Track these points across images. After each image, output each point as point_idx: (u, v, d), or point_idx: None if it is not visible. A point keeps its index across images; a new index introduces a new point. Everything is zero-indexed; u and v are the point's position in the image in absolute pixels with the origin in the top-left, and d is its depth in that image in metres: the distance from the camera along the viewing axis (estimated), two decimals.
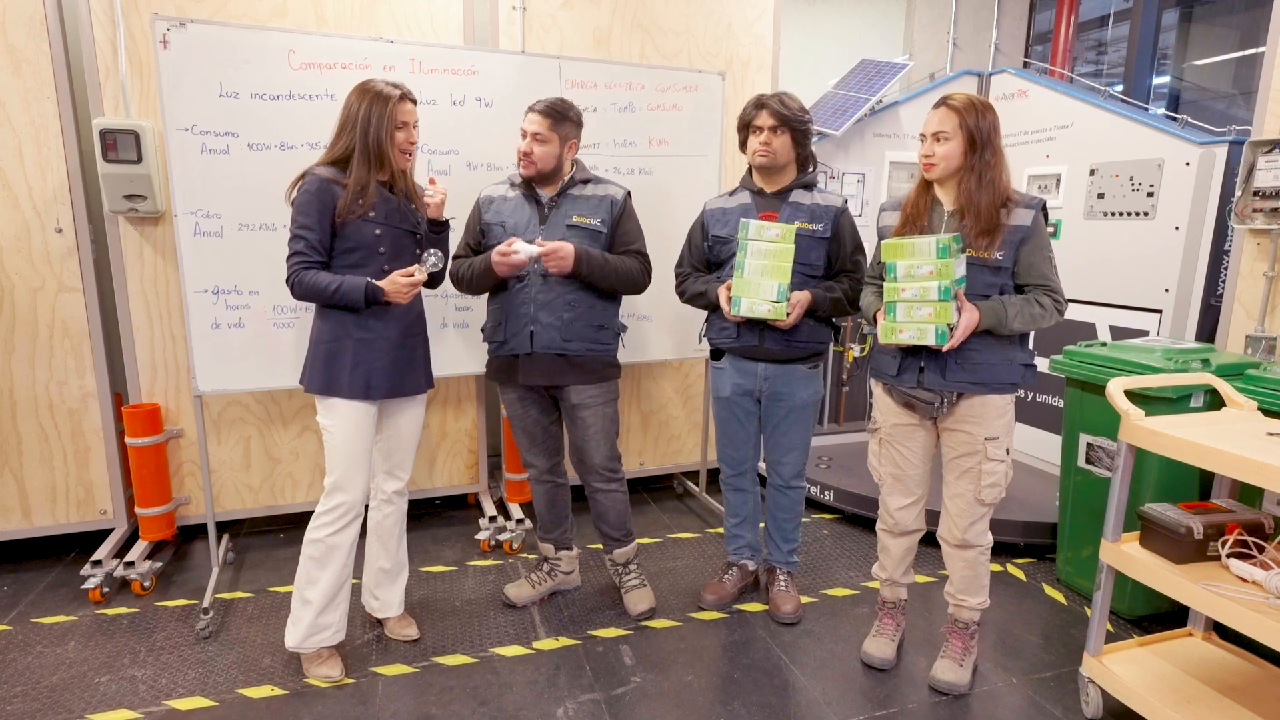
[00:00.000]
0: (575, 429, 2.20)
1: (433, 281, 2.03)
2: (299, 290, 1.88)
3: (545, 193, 2.16)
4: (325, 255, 1.90)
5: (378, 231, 1.91)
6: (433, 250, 1.95)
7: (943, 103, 1.80)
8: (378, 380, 1.93)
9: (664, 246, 2.70)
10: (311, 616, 1.97)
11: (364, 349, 1.92)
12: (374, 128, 1.87)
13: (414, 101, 1.94)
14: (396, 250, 1.95)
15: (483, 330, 2.26)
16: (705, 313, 2.35)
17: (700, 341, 2.39)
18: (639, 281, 2.20)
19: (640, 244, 2.21)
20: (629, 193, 2.22)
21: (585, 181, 2.18)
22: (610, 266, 2.12)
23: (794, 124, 2.10)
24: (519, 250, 2.00)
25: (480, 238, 2.21)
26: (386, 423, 2.06)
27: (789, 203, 2.17)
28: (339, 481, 1.93)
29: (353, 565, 2.01)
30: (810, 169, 2.22)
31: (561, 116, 2.09)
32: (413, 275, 1.89)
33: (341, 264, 1.92)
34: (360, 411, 1.93)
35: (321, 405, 1.93)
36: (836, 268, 2.20)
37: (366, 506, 2.14)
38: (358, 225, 1.89)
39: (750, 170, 2.24)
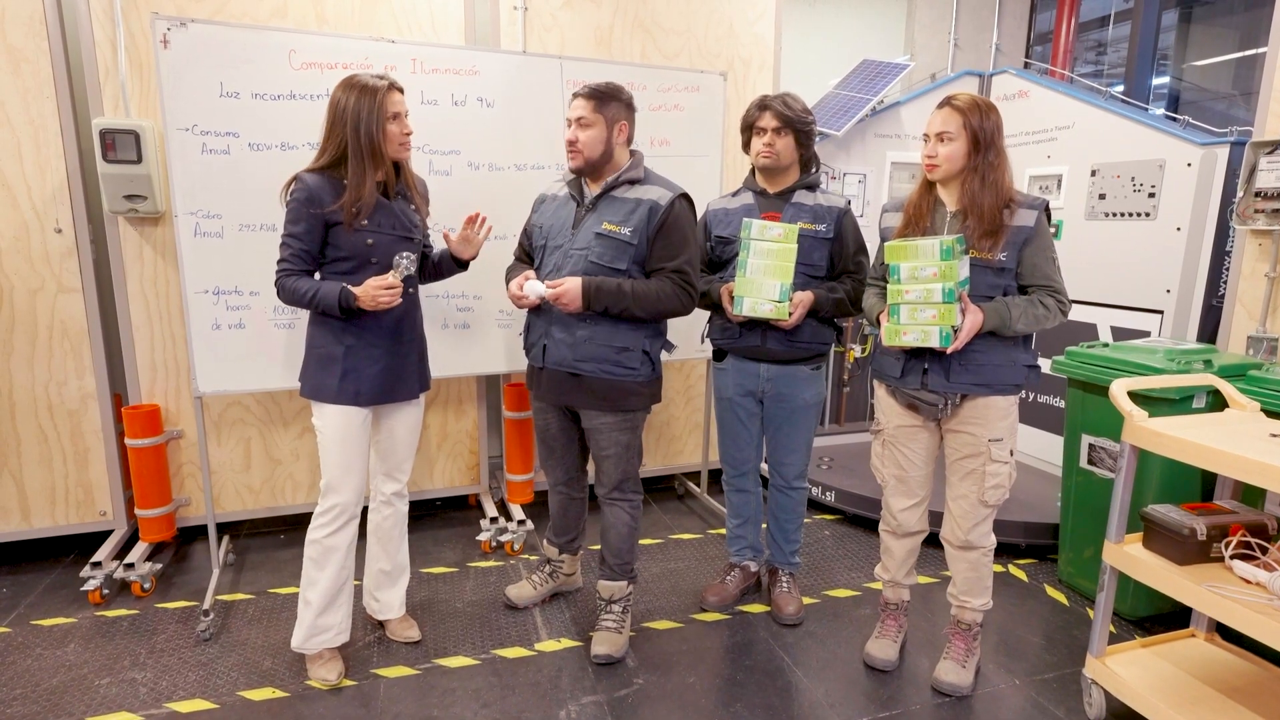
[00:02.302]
0: (592, 446, 2.10)
1: (410, 282, 1.93)
2: (281, 295, 1.86)
3: (591, 190, 2.00)
4: (313, 264, 1.87)
5: (370, 241, 1.86)
6: (404, 254, 1.85)
7: (947, 103, 1.80)
8: (368, 386, 1.90)
9: None
10: (311, 617, 1.96)
11: (355, 355, 1.89)
12: (365, 123, 1.80)
13: (401, 91, 1.87)
14: (389, 255, 1.88)
15: None
16: (707, 313, 2.34)
17: (702, 342, 2.39)
18: (672, 308, 1.95)
19: (680, 261, 1.94)
20: (680, 197, 1.97)
21: (633, 182, 1.97)
22: (630, 298, 1.90)
23: (797, 125, 2.10)
24: (528, 293, 1.93)
25: (529, 239, 2.12)
26: (381, 425, 2.04)
27: (792, 203, 2.16)
28: (330, 483, 1.92)
29: (353, 567, 2.00)
30: (813, 170, 2.22)
31: (607, 97, 1.93)
32: (387, 280, 1.81)
33: (332, 272, 1.88)
34: (350, 415, 1.90)
35: (314, 408, 1.92)
36: (839, 268, 2.19)
37: (367, 509, 2.14)
38: (349, 234, 1.84)
39: (753, 171, 2.23)
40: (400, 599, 2.20)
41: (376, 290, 1.80)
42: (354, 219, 1.83)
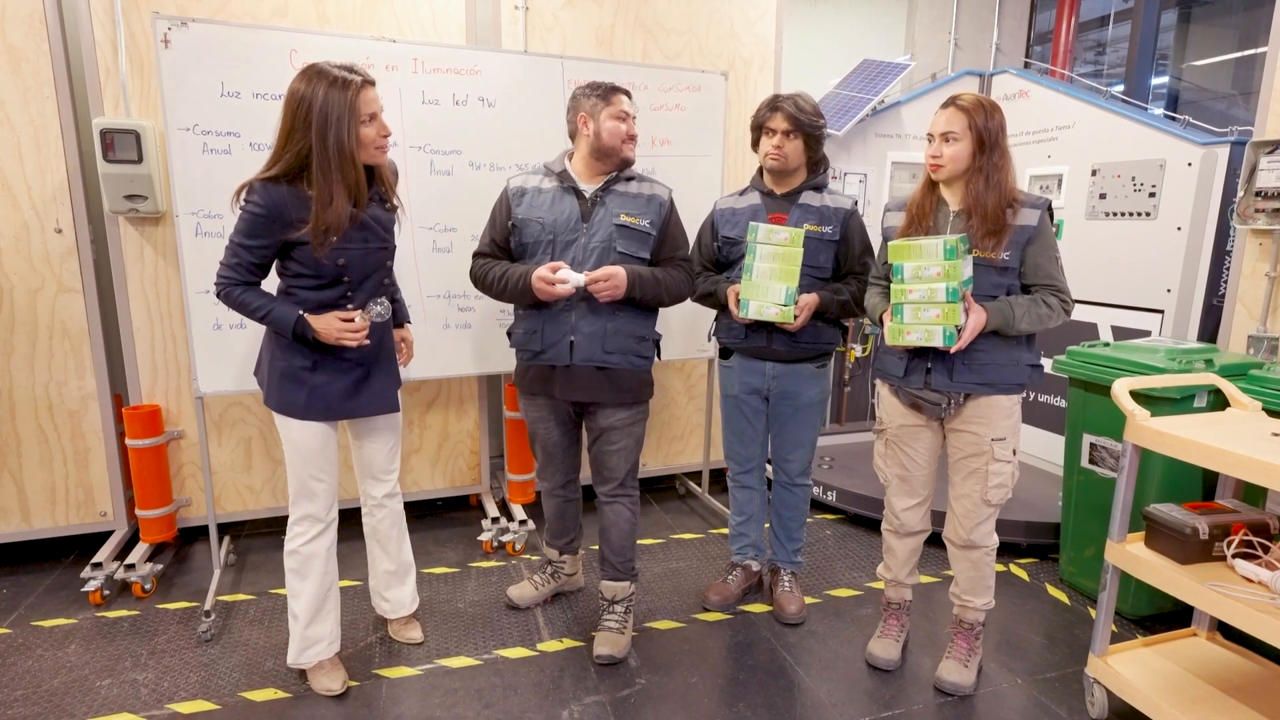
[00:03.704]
0: (599, 445, 2.09)
1: (386, 290, 1.87)
2: (227, 303, 1.72)
3: (587, 184, 2.00)
4: (261, 274, 1.74)
5: (341, 261, 1.72)
6: (379, 299, 1.77)
7: (951, 103, 1.80)
8: (337, 402, 1.81)
9: None
10: (300, 630, 1.91)
11: (323, 370, 1.78)
12: (335, 127, 1.58)
13: (374, 84, 1.65)
14: (363, 271, 1.77)
15: (509, 335, 2.12)
16: (711, 312, 2.35)
17: (709, 340, 2.39)
18: (685, 293, 2.08)
19: (686, 249, 2.10)
20: (671, 191, 2.10)
21: (630, 178, 2.03)
22: (662, 285, 1.98)
23: (808, 129, 2.09)
24: (567, 279, 1.86)
25: (509, 234, 2.03)
26: (359, 434, 1.98)
27: (799, 204, 2.16)
28: (299, 492, 1.85)
29: (336, 572, 1.95)
30: (821, 171, 2.21)
31: None
32: (353, 321, 1.73)
33: (298, 286, 1.74)
34: (316, 429, 1.82)
35: (279, 417, 1.83)
36: (845, 269, 2.19)
37: (358, 511, 2.12)
38: (319, 252, 1.68)
39: (761, 170, 2.23)
40: (410, 594, 2.18)
41: (341, 332, 1.70)
42: (324, 241, 1.65)
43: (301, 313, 1.71)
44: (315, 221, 1.63)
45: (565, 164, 2.03)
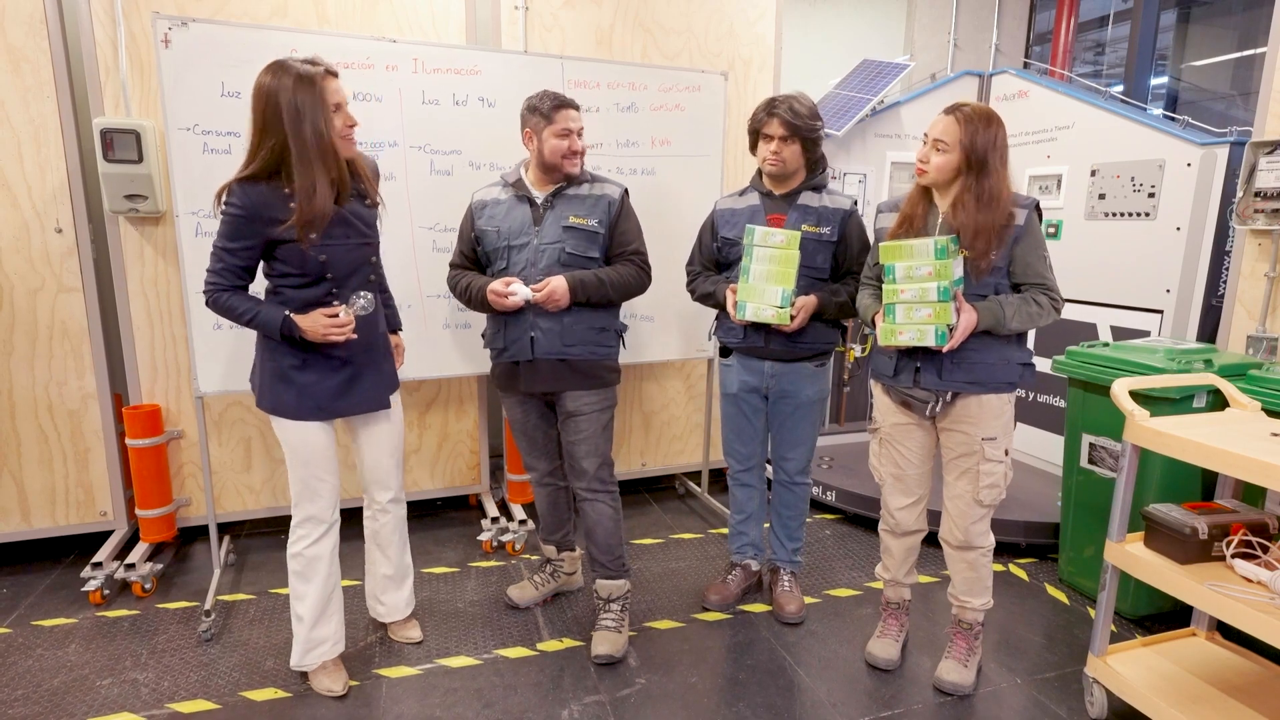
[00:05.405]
0: (568, 435, 2.13)
1: (372, 288, 1.87)
2: (215, 309, 1.72)
3: (539, 192, 2.07)
4: (248, 279, 1.74)
5: (323, 258, 1.72)
6: (361, 293, 1.77)
7: (954, 111, 1.77)
8: (329, 400, 1.81)
9: (667, 246, 2.70)
10: (305, 632, 1.91)
11: (312, 369, 1.78)
12: (310, 118, 1.58)
13: (337, 75, 1.67)
14: (346, 269, 1.77)
15: (483, 335, 2.20)
16: (709, 312, 2.35)
17: (709, 339, 2.39)
18: (639, 287, 2.13)
19: (638, 243, 2.13)
20: (626, 190, 2.14)
21: (581, 181, 2.10)
22: (608, 286, 2.05)
23: (804, 133, 2.08)
24: (516, 293, 1.95)
25: (475, 245, 2.13)
26: (358, 436, 1.97)
27: (797, 205, 2.16)
28: (301, 494, 1.85)
29: (339, 574, 1.95)
30: (820, 171, 2.21)
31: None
32: (337, 316, 1.72)
33: (283, 285, 1.74)
34: (314, 429, 1.82)
35: (275, 420, 1.82)
36: (843, 269, 2.19)
37: (358, 511, 2.12)
38: (298, 249, 1.68)
39: (760, 171, 2.23)
40: (405, 600, 2.19)
41: (327, 328, 1.70)
42: (310, 225, 1.64)
43: (288, 313, 1.72)
44: (300, 213, 1.63)
45: (521, 173, 2.11)
